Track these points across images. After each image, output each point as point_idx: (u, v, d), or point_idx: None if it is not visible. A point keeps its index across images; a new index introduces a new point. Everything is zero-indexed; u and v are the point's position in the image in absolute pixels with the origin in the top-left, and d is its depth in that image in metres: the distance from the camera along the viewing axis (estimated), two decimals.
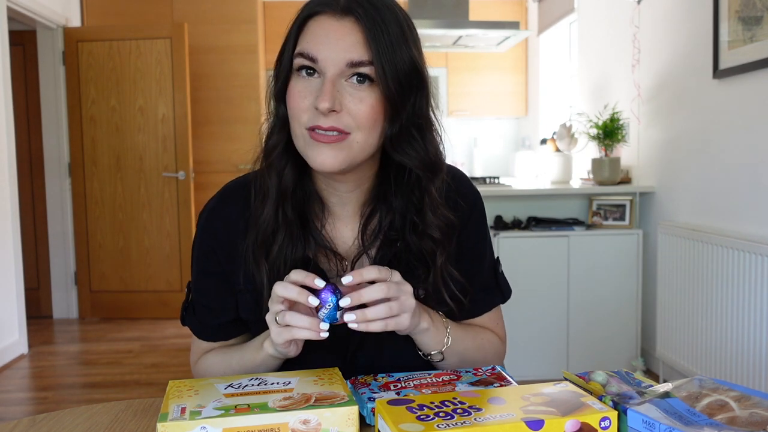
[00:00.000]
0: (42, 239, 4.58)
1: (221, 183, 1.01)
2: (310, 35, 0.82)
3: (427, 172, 0.87)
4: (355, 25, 0.81)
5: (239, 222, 0.92)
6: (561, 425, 0.62)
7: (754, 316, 2.25)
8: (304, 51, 0.81)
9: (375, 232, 0.91)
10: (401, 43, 0.82)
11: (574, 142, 3.54)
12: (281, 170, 0.87)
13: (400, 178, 0.89)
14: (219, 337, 0.98)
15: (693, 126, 2.77)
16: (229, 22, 4.65)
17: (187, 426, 0.64)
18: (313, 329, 0.77)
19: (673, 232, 2.77)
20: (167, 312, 4.42)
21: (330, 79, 0.80)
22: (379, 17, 0.81)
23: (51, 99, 4.41)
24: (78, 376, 3.37)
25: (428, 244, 0.89)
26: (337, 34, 0.80)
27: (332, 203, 0.92)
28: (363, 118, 0.81)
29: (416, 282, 0.88)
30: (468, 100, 5.32)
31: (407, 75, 0.82)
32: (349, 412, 0.68)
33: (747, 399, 0.65)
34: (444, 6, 3.69)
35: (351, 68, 0.80)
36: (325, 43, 0.80)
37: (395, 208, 0.90)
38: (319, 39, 0.81)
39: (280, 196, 0.88)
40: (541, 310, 3.01)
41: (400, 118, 0.83)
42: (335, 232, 0.93)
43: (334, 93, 0.80)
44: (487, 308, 1.02)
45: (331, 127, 0.80)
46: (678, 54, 2.88)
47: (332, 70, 0.80)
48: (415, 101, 0.84)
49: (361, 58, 0.80)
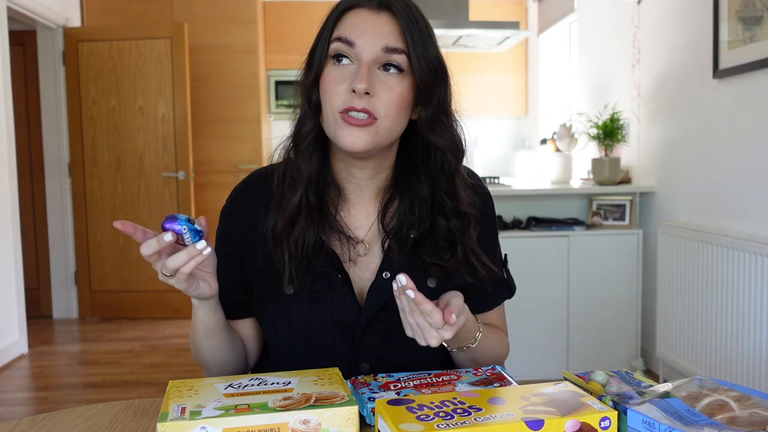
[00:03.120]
0: (42, 239, 4.57)
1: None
2: (348, 23, 0.88)
3: (457, 152, 0.94)
4: (391, 18, 0.88)
5: (260, 206, 0.97)
6: (561, 425, 0.62)
7: (754, 316, 2.25)
8: (343, 36, 0.87)
9: (395, 215, 0.96)
10: (429, 38, 0.90)
11: (574, 142, 3.54)
12: (311, 156, 0.93)
13: (424, 164, 0.95)
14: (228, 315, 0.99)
15: (693, 126, 2.77)
16: (229, 22, 4.65)
17: (187, 426, 0.65)
18: (193, 255, 0.80)
19: (673, 232, 2.77)
20: (167, 312, 4.42)
21: (366, 62, 0.86)
22: (412, 13, 0.89)
23: (51, 99, 4.41)
24: (78, 376, 3.37)
25: (456, 223, 0.94)
26: (374, 24, 0.88)
27: (349, 191, 0.98)
28: (392, 105, 0.87)
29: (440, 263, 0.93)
30: (468, 100, 5.24)
31: (435, 66, 0.90)
32: (349, 412, 0.68)
33: (747, 399, 0.65)
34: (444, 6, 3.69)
35: (386, 54, 0.87)
36: (363, 30, 0.87)
37: (420, 193, 0.95)
38: (357, 27, 0.88)
39: (308, 182, 0.92)
40: (541, 310, 3.01)
41: (432, 104, 0.90)
42: (350, 218, 0.98)
43: (370, 77, 0.86)
44: (498, 302, 1.06)
45: (363, 108, 0.85)
46: (678, 54, 2.88)
47: (368, 55, 0.86)
48: (440, 91, 0.91)
49: (397, 45, 0.87)
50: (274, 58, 5.03)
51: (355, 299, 0.94)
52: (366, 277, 0.96)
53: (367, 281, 0.95)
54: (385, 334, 0.94)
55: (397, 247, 0.94)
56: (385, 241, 0.96)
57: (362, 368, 0.95)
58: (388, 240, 0.95)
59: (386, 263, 0.94)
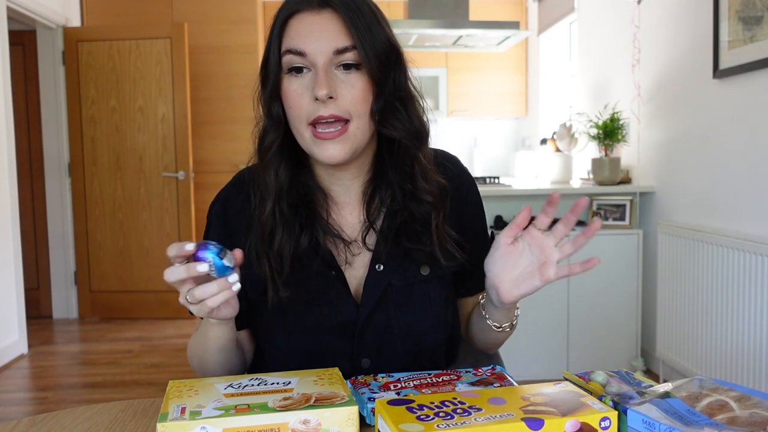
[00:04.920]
0: (42, 239, 4.57)
1: (221, 183, 1.03)
2: (293, 32, 0.87)
3: (414, 140, 0.92)
4: (333, 15, 0.86)
5: (245, 210, 0.96)
6: (561, 425, 0.62)
7: (754, 316, 2.25)
8: (292, 47, 0.86)
9: (378, 207, 0.96)
10: (376, 25, 0.88)
11: (574, 142, 3.54)
12: (276, 169, 0.92)
13: (391, 151, 0.94)
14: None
15: (693, 126, 2.77)
16: (229, 22, 4.65)
17: (187, 426, 0.64)
18: (224, 289, 0.77)
19: (673, 232, 2.77)
20: (167, 312, 4.42)
21: (322, 68, 0.85)
22: (353, 4, 0.87)
23: (51, 99, 4.41)
24: (78, 376, 3.37)
25: (425, 208, 0.94)
26: (319, 26, 0.86)
27: (336, 193, 0.97)
28: (358, 102, 0.86)
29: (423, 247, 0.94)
30: (468, 100, 5.31)
31: (386, 53, 0.88)
32: (349, 412, 0.68)
33: (747, 399, 0.65)
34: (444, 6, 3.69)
35: (338, 55, 0.85)
36: (309, 37, 0.85)
37: (392, 180, 0.95)
38: (303, 34, 0.86)
39: (277, 195, 0.91)
40: (541, 310, 3.01)
41: (384, 93, 0.89)
42: (341, 219, 0.97)
43: (329, 80, 0.85)
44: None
45: (331, 115, 0.85)
46: (678, 54, 2.88)
47: (321, 59, 0.85)
48: (395, 76, 0.90)
49: (345, 44, 0.85)
50: None
51: (351, 296, 0.94)
52: (359, 274, 0.96)
53: (360, 278, 0.95)
54: (383, 328, 0.94)
55: (382, 238, 0.95)
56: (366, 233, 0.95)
57: (363, 364, 0.94)
58: (375, 233, 0.95)
59: (377, 256, 0.95)
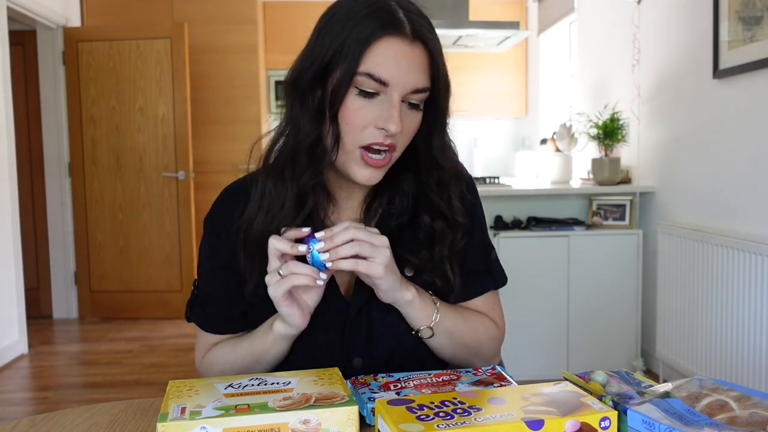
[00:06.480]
0: (42, 239, 4.57)
1: (221, 183, 1.02)
2: (379, 57, 0.82)
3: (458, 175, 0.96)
4: (423, 51, 0.85)
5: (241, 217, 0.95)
6: (561, 425, 0.62)
7: (754, 316, 2.25)
8: (374, 74, 0.82)
9: (375, 209, 0.97)
10: (444, 65, 0.87)
11: (574, 142, 3.54)
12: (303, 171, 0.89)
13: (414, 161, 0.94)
14: (227, 330, 1.00)
15: (693, 126, 2.77)
16: (229, 22, 4.65)
17: (187, 426, 0.65)
18: (311, 275, 0.81)
19: (673, 232, 2.77)
20: (167, 312, 4.42)
21: (398, 102, 0.83)
22: (439, 45, 0.86)
23: (51, 99, 4.41)
24: (78, 376, 3.37)
25: (441, 224, 0.94)
26: (408, 60, 0.83)
27: (340, 197, 0.97)
28: (409, 136, 0.88)
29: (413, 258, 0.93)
30: (468, 100, 5.31)
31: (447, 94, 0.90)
32: (349, 412, 0.68)
33: (747, 399, 0.65)
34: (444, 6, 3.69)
35: (412, 94, 0.85)
36: (396, 68, 0.83)
37: (404, 189, 0.95)
38: (390, 63, 0.82)
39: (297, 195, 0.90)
40: (541, 310, 3.01)
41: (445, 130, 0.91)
42: (338, 220, 0.97)
43: (402, 116, 0.84)
44: (478, 292, 1.02)
45: (390, 144, 0.85)
46: (678, 54, 2.88)
47: (399, 93, 0.83)
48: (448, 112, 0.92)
49: (425, 85, 0.85)
50: (274, 58, 5.03)
51: (340, 293, 0.94)
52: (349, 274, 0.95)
53: (351, 277, 0.95)
54: (372, 327, 0.94)
55: None
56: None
57: (355, 363, 0.94)
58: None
59: None
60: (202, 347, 1.02)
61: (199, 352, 1.02)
